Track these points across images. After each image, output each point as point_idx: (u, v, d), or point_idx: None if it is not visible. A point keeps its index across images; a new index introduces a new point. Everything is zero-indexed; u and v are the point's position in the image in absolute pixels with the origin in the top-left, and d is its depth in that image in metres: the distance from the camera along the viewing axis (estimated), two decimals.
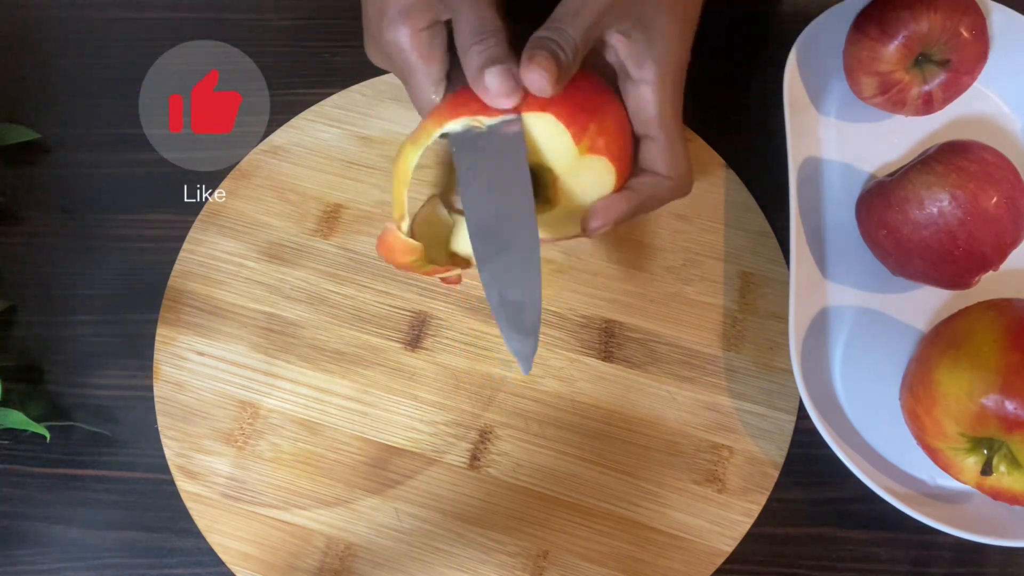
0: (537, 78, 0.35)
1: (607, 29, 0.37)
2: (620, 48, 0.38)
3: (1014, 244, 0.42)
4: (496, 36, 0.36)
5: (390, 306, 0.47)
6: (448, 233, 0.41)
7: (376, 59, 0.41)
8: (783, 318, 0.46)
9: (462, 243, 0.40)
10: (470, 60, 0.35)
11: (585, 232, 0.39)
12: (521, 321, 0.35)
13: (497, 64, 0.35)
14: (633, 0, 0.36)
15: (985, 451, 0.38)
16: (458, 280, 0.43)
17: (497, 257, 0.36)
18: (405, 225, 0.38)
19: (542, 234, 0.40)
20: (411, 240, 0.38)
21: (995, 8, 0.49)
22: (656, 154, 0.39)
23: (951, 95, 0.47)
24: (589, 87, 0.38)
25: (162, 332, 0.47)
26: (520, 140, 0.36)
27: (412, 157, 0.37)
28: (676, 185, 0.39)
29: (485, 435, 0.45)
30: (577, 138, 0.37)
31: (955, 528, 0.40)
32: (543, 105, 0.36)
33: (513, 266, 0.36)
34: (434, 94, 0.39)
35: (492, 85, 0.35)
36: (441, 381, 0.46)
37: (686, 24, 0.38)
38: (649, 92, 0.38)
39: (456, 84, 0.38)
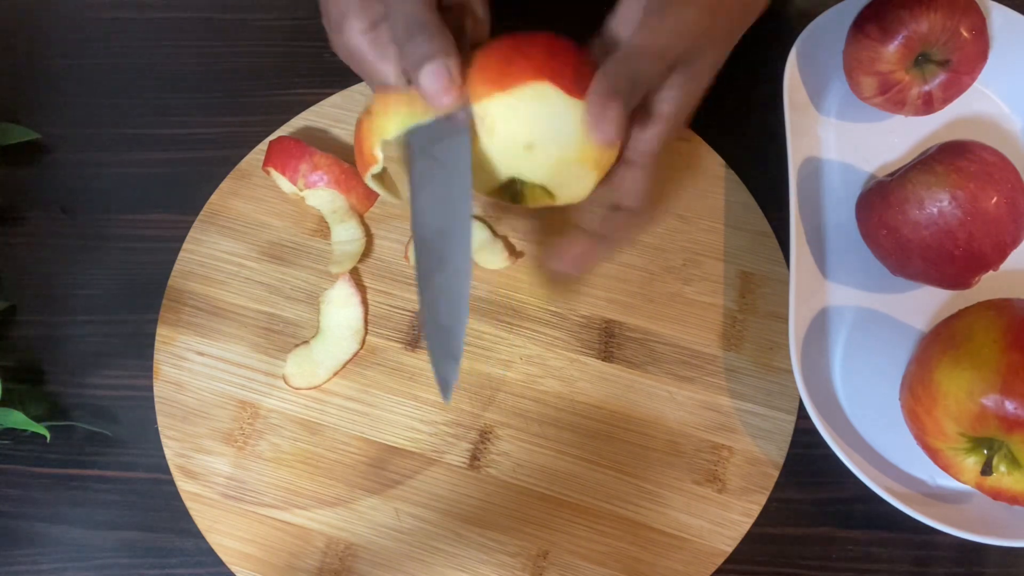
0: (607, 132, 0.34)
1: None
2: None
3: (1014, 244, 0.42)
4: (425, 31, 0.34)
5: (390, 306, 0.47)
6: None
7: (340, 56, 0.41)
8: (783, 318, 0.46)
9: None
10: (404, 59, 0.34)
11: (548, 268, 0.39)
12: (447, 347, 0.34)
13: (428, 61, 0.33)
14: (697, 46, 0.36)
15: (985, 451, 0.38)
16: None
17: (435, 275, 0.35)
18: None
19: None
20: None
21: (995, 8, 0.49)
22: (633, 183, 0.38)
23: (951, 95, 0.47)
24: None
25: (162, 332, 0.47)
26: (467, 142, 0.35)
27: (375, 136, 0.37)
28: (644, 218, 0.40)
29: (485, 435, 0.45)
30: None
31: (955, 528, 0.40)
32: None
33: (446, 289, 0.35)
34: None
35: (426, 84, 0.33)
36: None
37: (714, 68, 0.38)
38: (654, 127, 0.37)
39: None
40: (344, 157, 0.49)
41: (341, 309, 0.46)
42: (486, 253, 0.47)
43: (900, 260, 0.44)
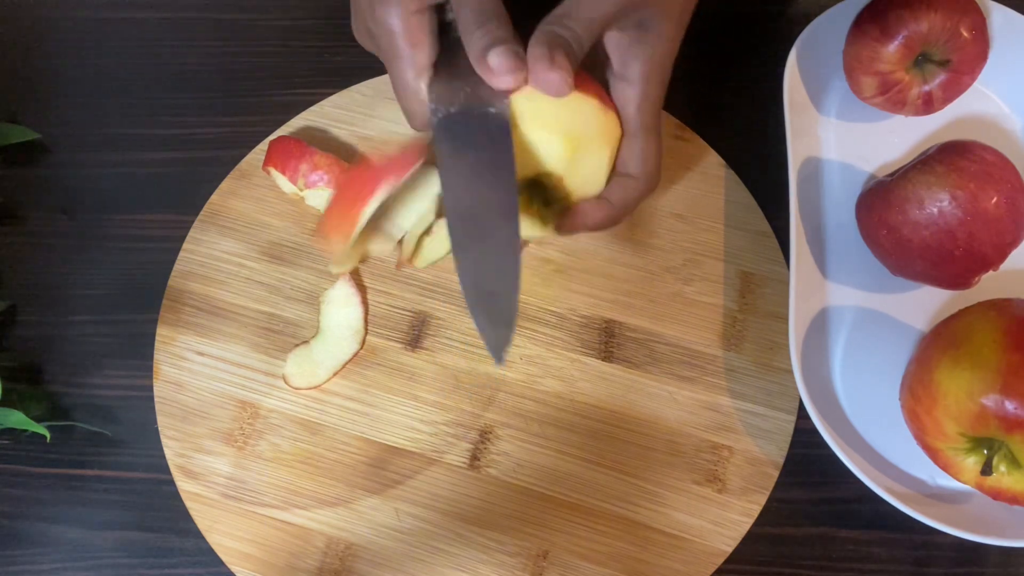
0: (557, 79, 0.35)
1: (610, 28, 0.37)
2: (611, 42, 0.38)
3: (1014, 244, 0.42)
4: (498, 20, 0.35)
5: (390, 306, 0.47)
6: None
7: (362, 39, 0.41)
8: (783, 318, 0.46)
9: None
10: (473, 43, 0.35)
11: (557, 230, 0.39)
12: (497, 311, 0.34)
13: (499, 44, 0.35)
14: (639, 1, 0.36)
15: (985, 451, 0.38)
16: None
17: (475, 245, 0.35)
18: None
19: (544, 233, 0.40)
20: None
21: (995, 8, 0.49)
22: (630, 151, 0.39)
23: (951, 95, 0.47)
24: (581, 78, 0.38)
25: (162, 332, 0.47)
26: (507, 124, 0.36)
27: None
28: (646, 185, 0.40)
29: (485, 435, 0.45)
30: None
31: (955, 528, 0.40)
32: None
33: (492, 255, 0.35)
34: (416, 80, 0.38)
35: (496, 63, 0.35)
36: (441, 381, 0.46)
37: (679, 23, 0.38)
38: (632, 90, 0.38)
39: (442, 74, 0.38)
40: (344, 157, 0.49)
41: (341, 309, 0.46)
42: None
43: (900, 260, 0.44)
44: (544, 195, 0.39)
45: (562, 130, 0.36)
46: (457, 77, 0.37)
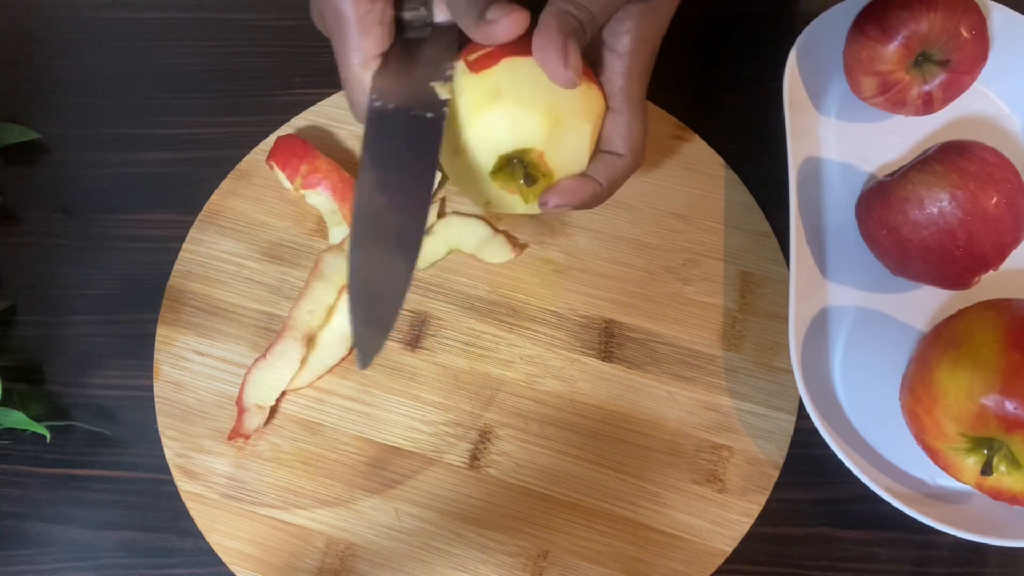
0: (568, 77, 0.34)
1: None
2: None
3: (1014, 244, 0.42)
4: None
5: None
6: None
7: (316, 20, 0.39)
8: (783, 318, 0.46)
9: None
10: (468, 13, 0.35)
11: (540, 206, 0.38)
12: (377, 316, 0.33)
13: (495, 2, 0.34)
14: None
15: (985, 451, 0.38)
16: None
17: (374, 245, 0.34)
18: None
19: (530, 210, 0.40)
20: None
21: (995, 8, 0.49)
22: (615, 128, 0.38)
23: (951, 95, 0.47)
24: None
25: (162, 332, 0.47)
26: (439, 133, 0.35)
27: None
28: (631, 162, 0.39)
29: (485, 435, 0.45)
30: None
31: (955, 528, 0.40)
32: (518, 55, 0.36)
33: (388, 259, 0.34)
34: (361, 69, 0.37)
35: (493, 15, 0.34)
36: (441, 381, 0.46)
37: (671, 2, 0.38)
38: (620, 63, 0.37)
39: (390, 69, 0.37)
40: (343, 157, 0.49)
41: (335, 315, 0.46)
42: (489, 249, 0.47)
43: (900, 260, 0.44)
44: (526, 172, 0.38)
45: (541, 105, 0.36)
46: (403, 75, 0.37)
